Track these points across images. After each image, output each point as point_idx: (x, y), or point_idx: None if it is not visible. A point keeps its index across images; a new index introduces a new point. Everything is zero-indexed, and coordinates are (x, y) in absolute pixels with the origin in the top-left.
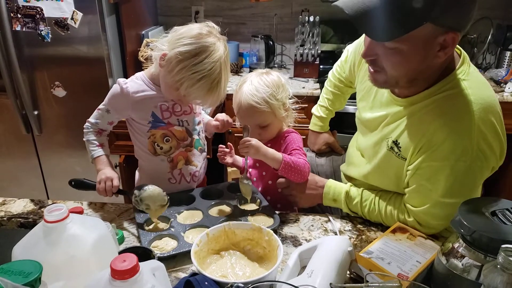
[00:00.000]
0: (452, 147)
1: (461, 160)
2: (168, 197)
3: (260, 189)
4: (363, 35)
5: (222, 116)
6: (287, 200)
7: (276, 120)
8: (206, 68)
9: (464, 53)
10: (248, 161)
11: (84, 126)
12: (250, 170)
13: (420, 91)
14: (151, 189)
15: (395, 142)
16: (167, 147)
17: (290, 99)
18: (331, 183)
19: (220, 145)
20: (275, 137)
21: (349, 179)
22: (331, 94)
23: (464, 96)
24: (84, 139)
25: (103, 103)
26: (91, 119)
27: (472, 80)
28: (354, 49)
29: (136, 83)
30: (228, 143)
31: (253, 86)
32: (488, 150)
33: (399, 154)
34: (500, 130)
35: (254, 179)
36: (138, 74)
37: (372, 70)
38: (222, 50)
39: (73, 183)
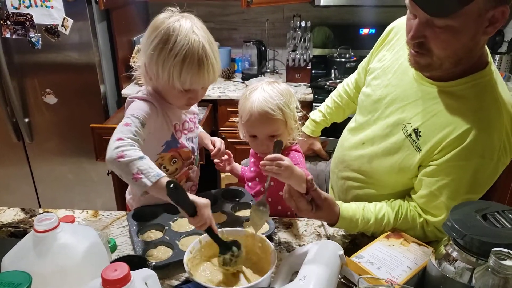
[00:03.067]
0: (482, 143)
1: (490, 157)
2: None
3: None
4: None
5: (219, 143)
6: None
7: (286, 131)
8: (182, 44)
9: None
10: (248, 172)
11: (119, 144)
12: (250, 183)
13: (455, 77)
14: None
15: (416, 130)
16: (173, 168)
17: (298, 112)
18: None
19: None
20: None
21: (342, 169)
22: (333, 102)
23: (497, 91)
24: (123, 159)
25: (133, 114)
26: (127, 133)
27: (498, 77)
28: (381, 39)
29: (152, 99)
30: (227, 150)
31: (266, 93)
32: (508, 147)
33: (415, 143)
34: None
35: (253, 193)
36: (143, 92)
37: (414, 52)
38: (189, 23)
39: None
